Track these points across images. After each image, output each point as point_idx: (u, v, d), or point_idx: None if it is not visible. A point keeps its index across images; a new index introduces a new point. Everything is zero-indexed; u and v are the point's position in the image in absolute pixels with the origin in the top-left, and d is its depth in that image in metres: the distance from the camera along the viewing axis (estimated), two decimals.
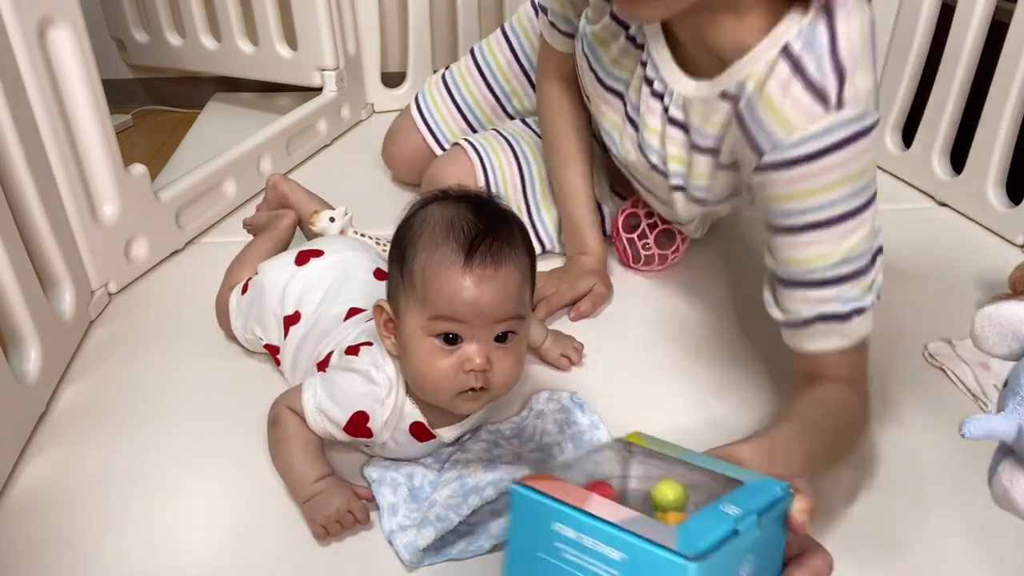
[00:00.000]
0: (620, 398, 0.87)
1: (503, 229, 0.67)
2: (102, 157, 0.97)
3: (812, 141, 0.69)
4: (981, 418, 0.47)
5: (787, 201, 0.72)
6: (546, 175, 1.13)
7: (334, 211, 1.01)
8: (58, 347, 0.89)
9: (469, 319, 0.65)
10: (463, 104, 1.27)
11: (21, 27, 0.84)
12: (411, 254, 0.66)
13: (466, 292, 0.64)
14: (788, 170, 0.71)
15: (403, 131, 1.31)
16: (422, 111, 1.28)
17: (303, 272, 0.85)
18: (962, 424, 0.47)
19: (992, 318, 0.50)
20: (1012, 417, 0.47)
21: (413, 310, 0.67)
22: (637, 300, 1.04)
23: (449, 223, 0.66)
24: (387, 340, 0.71)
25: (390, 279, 0.70)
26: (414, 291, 0.66)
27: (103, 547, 0.70)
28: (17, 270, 0.80)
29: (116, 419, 0.84)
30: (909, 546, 0.70)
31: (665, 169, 0.87)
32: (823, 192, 0.70)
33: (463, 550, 0.69)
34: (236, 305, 0.89)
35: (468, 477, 0.72)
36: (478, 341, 0.66)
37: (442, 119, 1.27)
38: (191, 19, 1.54)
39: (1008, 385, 0.49)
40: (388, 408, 0.71)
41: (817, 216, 0.71)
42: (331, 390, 0.71)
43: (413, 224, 0.68)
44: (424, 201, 0.70)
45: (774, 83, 0.70)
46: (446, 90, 1.28)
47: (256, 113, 1.63)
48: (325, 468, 0.72)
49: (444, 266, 0.64)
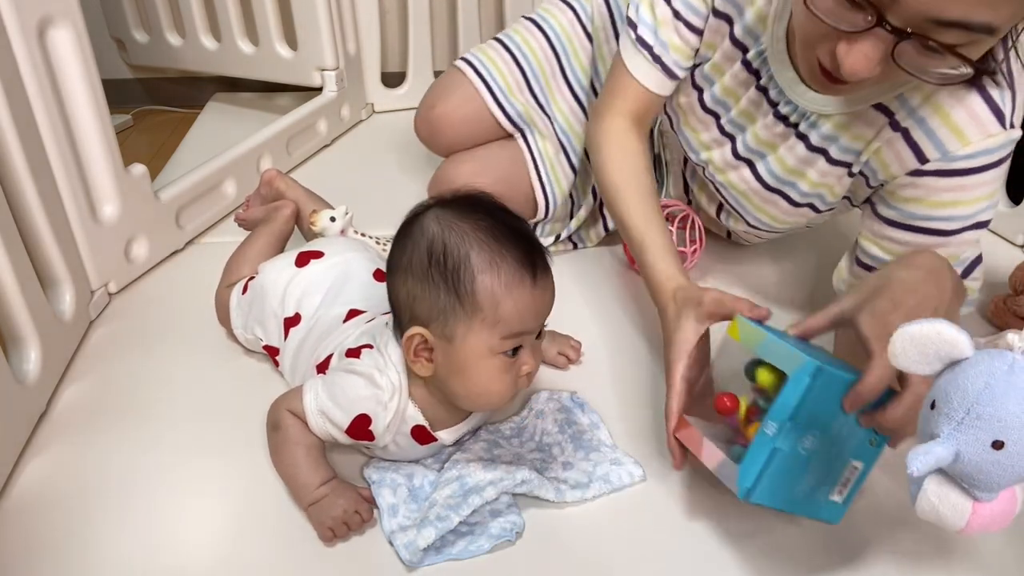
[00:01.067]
0: (620, 398, 0.87)
1: (528, 228, 0.69)
2: (102, 157, 0.97)
3: (983, 156, 0.71)
4: (922, 451, 0.47)
5: (934, 207, 0.74)
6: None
7: (335, 211, 1.00)
8: (58, 347, 0.89)
9: (534, 329, 0.68)
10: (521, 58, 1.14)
11: (21, 27, 0.84)
12: (467, 276, 0.65)
13: (536, 304, 0.67)
14: (949, 178, 0.73)
15: (455, 89, 1.15)
16: (475, 67, 1.15)
17: (303, 274, 0.85)
18: (909, 462, 0.47)
19: (914, 337, 0.49)
20: (950, 443, 0.48)
21: (479, 332, 0.66)
22: (640, 300, 1.04)
23: (493, 238, 0.66)
24: (417, 364, 0.69)
25: (423, 301, 0.67)
26: (480, 314, 0.65)
27: (103, 547, 0.70)
28: (17, 270, 0.80)
29: (116, 419, 0.84)
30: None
31: (790, 188, 0.88)
32: (973, 203, 0.73)
33: (463, 550, 0.69)
34: (236, 304, 0.89)
35: (468, 477, 0.72)
36: (530, 345, 0.69)
37: (498, 72, 1.13)
38: (191, 19, 1.54)
39: (937, 407, 0.49)
40: (391, 412, 0.70)
41: (952, 224, 0.74)
42: (333, 392, 0.71)
43: (448, 241, 0.66)
44: (425, 215, 0.68)
45: (945, 93, 0.71)
46: (502, 47, 1.15)
47: (256, 113, 1.63)
48: (328, 472, 0.72)
49: (514, 285, 0.65)
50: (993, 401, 0.46)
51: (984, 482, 0.48)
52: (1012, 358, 0.47)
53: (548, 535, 0.71)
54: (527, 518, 0.72)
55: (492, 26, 1.68)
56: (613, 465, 0.77)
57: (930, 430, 0.49)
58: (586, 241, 1.16)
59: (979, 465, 0.47)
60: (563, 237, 1.13)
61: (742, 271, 1.10)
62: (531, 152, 1.11)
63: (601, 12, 1.11)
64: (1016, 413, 0.46)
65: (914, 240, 0.76)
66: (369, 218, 1.04)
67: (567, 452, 0.79)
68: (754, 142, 0.89)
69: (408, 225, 0.69)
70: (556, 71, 1.13)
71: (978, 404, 0.47)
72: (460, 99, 1.14)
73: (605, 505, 0.74)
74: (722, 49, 0.87)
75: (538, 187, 1.11)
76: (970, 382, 0.47)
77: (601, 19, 1.10)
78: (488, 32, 1.64)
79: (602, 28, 1.10)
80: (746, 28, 0.83)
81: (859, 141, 0.79)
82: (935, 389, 0.50)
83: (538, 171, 1.11)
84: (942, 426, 0.48)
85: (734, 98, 0.89)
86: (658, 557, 0.70)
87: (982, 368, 0.47)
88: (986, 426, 0.46)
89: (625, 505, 0.74)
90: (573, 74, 1.13)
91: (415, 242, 0.67)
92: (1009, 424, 0.46)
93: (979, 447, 0.47)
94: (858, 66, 0.63)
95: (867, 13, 0.60)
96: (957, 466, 0.48)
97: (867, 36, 0.62)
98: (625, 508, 0.74)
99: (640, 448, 0.80)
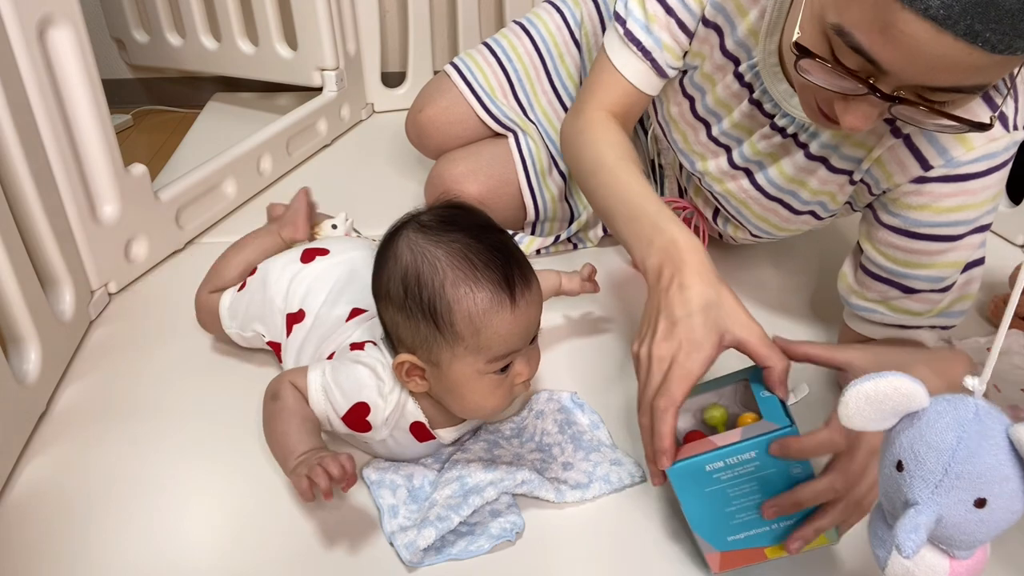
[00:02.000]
0: (620, 398, 0.87)
1: (507, 241, 0.68)
2: (102, 157, 0.97)
3: (987, 160, 0.70)
4: (909, 527, 0.43)
5: (939, 213, 0.74)
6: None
7: (335, 219, 1.01)
8: (58, 347, 0.89)
9: (521, 347, 0.68)
10: (506, 62, 1.15)
11: (21, 27, 0.84)
12: (443, 308, 0.65)
13: (518, 325, 0.67)
14: (953, 184, 0.72)
15: (442, 92, 1.16)
16: (461, 71, 1.15)
17: (308, 270, 0.85)
18: (900, 547, 0.43)
19: (870, 396, 0.45)
20: (931, 508, 0.44)
21: (464, 358, 0.66)
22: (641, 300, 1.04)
23: (468, 262, 0.65)
24: (411, 383, 0.70)
25: (406, 330, 0.67)
26: (462, 342, 0.65)
27: (103, 547, 0.70)
28: (17, 270, 0.80)
29: (116, 419, 0.84)
30: None
31: (790, 196, 0.88)
32: (978, 207, 0.72)
33: (463, 550, 0.69)
34: (230, 304, 0.88)
35: (468, 477, 0.72)
36: (523, 355, 0.69)
37: (483, 76, 1.14)
38: (191, 19, 1.54)
39: (907, 469, 0.45)
40: (391, 404, 0.71)
41: (959, 229, 0.73)
42: (338, 376, 0.71)
43: (420, 272, 0.65)
44: (398, 240, 0.67)
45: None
46: (489, 52, 1.16)
47: (256, 113, 1.63)
48: (318, 443, 0.70)
49: (493, 311, 0.65)
50: (970, 457, 0.43)
51: (965, 542, 0.45)
52: (975, 404, 0.44)
53: (548, 535, 0.71)
54: (527, 518, 0.72)
55: (492, 26, 1.68)
56: (613, 465, 0.77)
57: (903, 496, 0.45)
58: (586, 242, 1.16)
59: (961, 526, 0.44)
60: (563, 238, 1.13)
61: (742, 272, 1.10)
62: (521, 154, 1.11)
63: (592, 17, 1.10)
64: (993, 465, 0.43)
65: (920, 247, 0.76)
66: (369, 218, 1.04)
67: (567, 452, 0.79)
68: (751, 153, 0.88)
69: (384, 249, 0.69)
70: (541, 74, 1.13)
71: (955, 462, 0.43)
72: (447, 102, 1.15)
73: (605, 505, 0.74)
74: (712, 60, 0.85)
75: (526, 190, 1.10)
76: (940, 437, 0.43)
77: (591, 24, 1.10)
78: (488, 32, 1.63)
79: (592, 34, 1.10)
80: (737, 41, 0.82)
81: (860, 149, 0.78)
82: (897, 448, 0.45)
83: (527, 173, 1.10)
84: (918, 491, 0.44)
85: (727, 109, 0.87)
86: (658, 557, 0.70)
87: (948, 420, 0.44)
88: (967, 485, 0.43)
89: (625, 505, 0.74)
90: (559, 78, 1.13)
91: (390, 271, 0.67)
92: (989, 478, 0.43)
93: (962, 508, 0.43)
94: (857, 123, 0.63)
95: (858, 81, 0.59)
96: (938, 530, 0.44)
97: (863, 98, 0.61)
98: (625, 508, 0.74)
99: (640, 448, 0.80)
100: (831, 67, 0.59)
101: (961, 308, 0.78)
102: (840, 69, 0.59)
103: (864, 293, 0.81)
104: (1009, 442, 0.43)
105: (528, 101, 1.13)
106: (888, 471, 0.46)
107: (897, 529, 0.43)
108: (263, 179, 1.31)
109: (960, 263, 0.76)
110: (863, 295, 0.81)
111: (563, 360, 0.93)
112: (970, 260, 0.76)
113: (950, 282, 0.76)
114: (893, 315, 0.80)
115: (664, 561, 0.69)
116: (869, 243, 0.80)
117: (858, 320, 0.84)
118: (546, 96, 1.13)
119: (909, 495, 0.44)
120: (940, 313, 0.78)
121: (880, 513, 0.49)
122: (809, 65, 0.61)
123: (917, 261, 0.76)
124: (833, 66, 0.59)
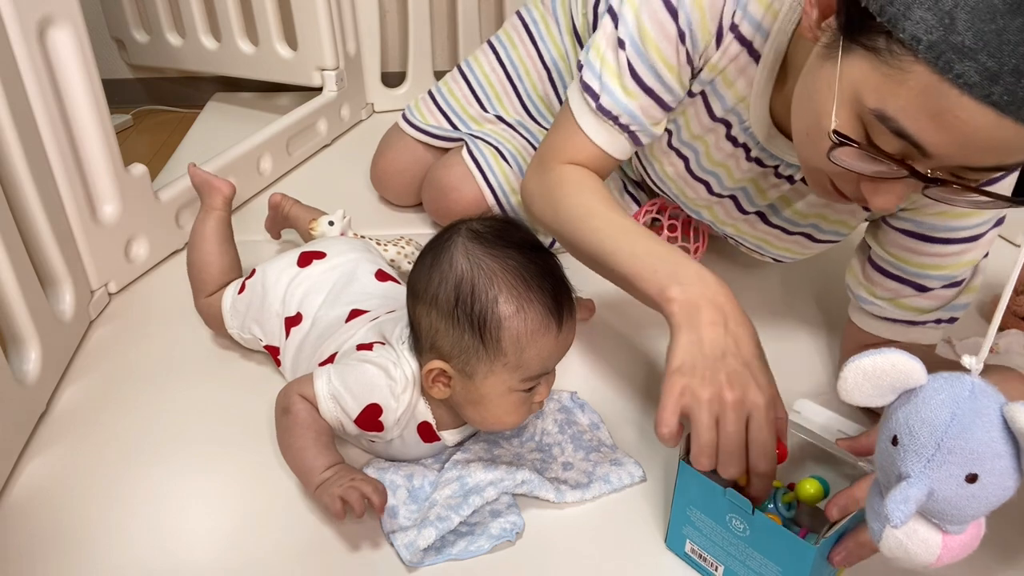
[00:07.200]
0: (620, 398, 0.87)
1: (557, 264, 0.69)
2: (102, 157, 0.97)
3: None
4: (899, 498, 0.44)
5: (957, 218, 0.74)
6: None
7: (332, 215, 1.01)
8: (58, 347, 0.89)
9: (553, 367, 0.70)
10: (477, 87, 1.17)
11: (21, 27, 0.84)
12: (493, 323, 0.65)
13: (559, 349, 0.69)
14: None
15: (391, 144, 1.23)
16: (412, 122, 1.20)
17: (305, 273, 0.85)
18: (890, 513, 0.44)
19: (867, 371, 0.46)
20: (923, 482, 0.44)
21: (500, 374, 0.67)
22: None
23: (523, 281, 0.65)
24: (434, 389, 0.70)
25: (445, 337, 0.67)
26: (503, 359, 0.66)
27: (103, 547, 0.70)
28: (17, 270, 0.80)
29: (116, 419, 0.84)
30: None
31: (812, 228, 0.88)
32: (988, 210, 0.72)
33: (463, 550, 0.69)
34: (231, 305, 0.88)
35: (468, 477, 0.72)
36: (548, 376, 0.71)
37: (453, 98, 1.17)
38: (191, 19, 1.54)
39: (901, 443, 0.46)
40: (403, 404, 0.71)
41: (981, 229, 0.74)
42: (346, 380, 0.71)
43: (476, 283, 0.65)
44: (454, 246, 0.67)
45: None
46: (461, 76, 1.18)
47: (256, 113, 1.63)
48: (336, 456, 0.71)
49: (540, 334, 0.66)
50: (963, 433, 0.43)
51: (957, 516, 0.46)
52: (971, 382, 0.45)
53: (548, 535, 0.71)
54: (527, 518, 0.72)
55: (492, 26, 1.68)
56: (613, 465, 0.77)
57: (897, 469, 0.46)
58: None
59: (953, 501, 0.45)
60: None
61: (745, 273, 1.10)
62: (475, 160, 1.09)
63: (564, 53, 1.09)
64: (986, 441, 0.43)
65: (936, 250, 0.75)
66: (369, 218, 1.04)
67: (567, 452, 0.79)
68: (762, 200, 0.86)
69: (437, 252, 0.68)
70: (509, 91, 1.15)
71: (947, 437, 0.44)
72: (393, 153, 1.21)
73: (605, 505, 0.74)
74: (700, 122, 0.83)
75: (486, 189, 1.08)
76: (935, 413, 0.44)
77: (564, 60, 1.09)
78: (488, 32, 1.64)
79: (567, 71, 1.10)
80: (727, 109, 0.80)
81: None
82: (893, 423, 0.46)
83: (483, 174, 1.08)
84: (911, 464, 0.45)
85: (725, 168, 0.86)
86: (658, 557, 0.70)
87: (944, 397, 0.44)
88: (959, 460, 0.44)
89: (625, 505, 0.74)
90: (526, 92, 1.15)
91: (443, 276, 0.66)
92: (981, 454, 0.43)
93: (953, 483, 0.44)
94: (888, 205, 0.60)
95: (899, 165, 0.55)
96: (930, 504, 0.45)
97: (897, 180, 0.58)
98: (625, 508, 0.74)
99: (640, 448, 0.80)
100: (868, 153, 0.56)
101: (967, 300, 0.78)
102: (879, 154, 0.56)
103: (873, 289, 0.81)
104: (1003, 420, 0.44)
105: (495, 111, 1.15)
106: (884, 445, 0.47)
107: (887, 500, 0.44)
108: (263, 179, 1.31)
109: (976, 261, 0.75)
110: (872, 290, 0.81)
111: (563, 360, 0.92)
112: (984, 254, 0.76)
113: (963, 278, 0.76)
114: (900, 312, 0.80)
115: (664, 561, 0.69)
116: (880, 244, 0.80)
117: (864, 315, 0.83)
118: (512, 106, 1.15)
119: (902, 468, 0.45)
120: (947, 306, 0.78)
121: (877, 488, 0.50)
122: (845, 152, 0.57)
123: (932, 263, 0.76)
124: (871, 152, 0.56)
